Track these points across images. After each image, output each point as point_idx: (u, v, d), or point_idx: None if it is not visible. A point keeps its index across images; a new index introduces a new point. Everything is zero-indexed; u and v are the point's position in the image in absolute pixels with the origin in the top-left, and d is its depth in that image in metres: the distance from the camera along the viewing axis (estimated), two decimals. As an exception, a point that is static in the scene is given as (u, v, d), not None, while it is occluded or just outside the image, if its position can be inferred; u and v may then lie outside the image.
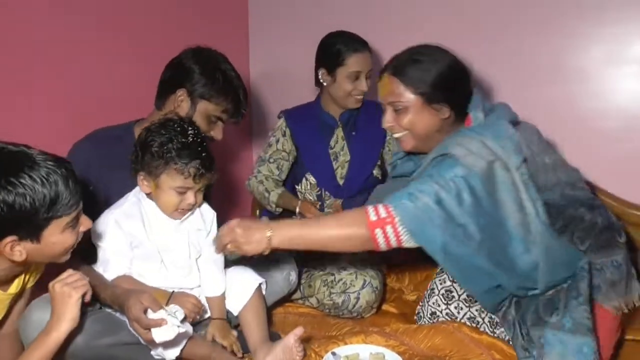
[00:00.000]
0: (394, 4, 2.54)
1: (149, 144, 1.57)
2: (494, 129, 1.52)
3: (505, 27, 2.33)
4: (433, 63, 1.59)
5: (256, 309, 1.68)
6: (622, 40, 2.16)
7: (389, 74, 1.62)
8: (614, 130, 2.21)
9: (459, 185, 1.44)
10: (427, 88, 1.57)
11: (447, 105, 1.59)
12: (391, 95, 1.61)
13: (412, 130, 1.61)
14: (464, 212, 1.44)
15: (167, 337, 1.44)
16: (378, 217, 1.45)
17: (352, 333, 1.75)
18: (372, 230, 1.45)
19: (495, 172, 1.46)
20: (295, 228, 1.53)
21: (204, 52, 1.86)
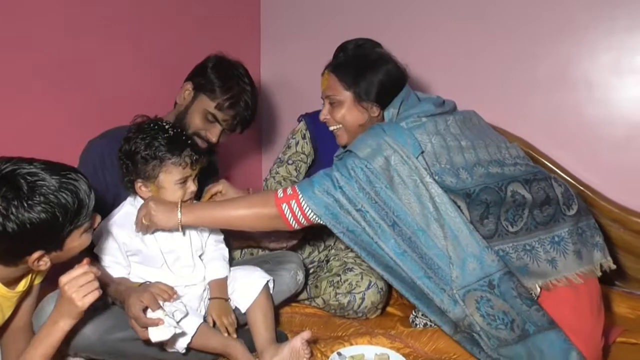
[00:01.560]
0: (405, 10, 2.56)
1: (135, 152, 1.60)
2: (395, 126, 1.61)
3: (513, 33, 2.35)
4: (369, 65, 1.74)
5: (264, 307, 1.70)
6: (630, 49, 2.18)
7: (329, 70, 1.80)
8: (619, 137, 2.23)
9: (358, 175, 1.55)
10: (358, 87, 1.72)
11: (377, 105, 1.73)
12: (328, 89, 1.78)
13: (344, 124, 1.77)
14: (362, 199, 1.54)
15: (163, 337, 1.46)
16: (285, 194, 1.58)
17: (358, 334, 1.77)
18: (279, 205, 1.58)
19: (393, 165, 1.55)
20: (206, 207, 1.66)
21: (228, 58, 1.91)
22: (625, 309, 2.04)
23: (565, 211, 1.63)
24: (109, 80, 2.20)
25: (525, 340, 1.49)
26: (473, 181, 1.59)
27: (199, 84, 1.85)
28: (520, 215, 1.59)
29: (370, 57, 1.78)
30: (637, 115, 2.20)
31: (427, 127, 1.61)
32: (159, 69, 2.37)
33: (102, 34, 2.15)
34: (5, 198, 1.20)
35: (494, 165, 1.63)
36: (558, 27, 2.27)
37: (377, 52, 1.81)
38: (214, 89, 1.82)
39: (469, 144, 1.63)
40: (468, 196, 1.57)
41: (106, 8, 2.16)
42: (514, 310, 1.49)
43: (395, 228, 1.55)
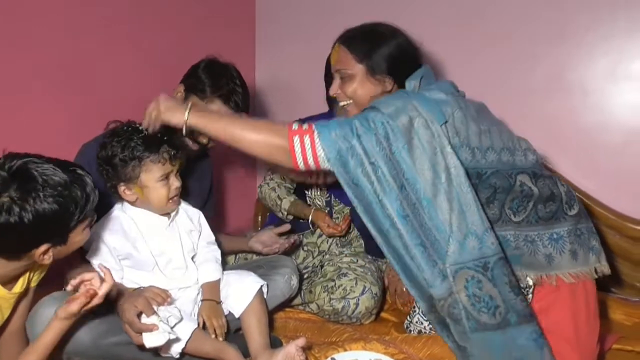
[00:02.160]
0: (403, 13, 2.55)
1: (113, 156, 1.60)
2: (421, 94, 1.58)
3: (509, 38, 2.36)
4: (381, 37, 1.69)
5: (257, 312, 1.69)
6: (627, 55, 2.19)
7: (339, 43, 1.73)
8: (615, 143, 2.23)
9: (378, 128, 1.49)
10: (371, 59, 1.66)
11: (390, 78, 1.68)
12: (339, 63, 1.71)
13: (355, 99, 1.70)
14: (378, 154, 1.48)
15: (157, 342, 1.45)
16: (299, 128, 1.51)
17: (352, 339, 1.76)
18: (291, 137, 1.49)
19: (415, 128, 1.49)
20: (215, 119, 1.58)
21: (220, 61, 1.91)
22: (621, 316, 2.03)
23: (566, 210, 1.62)
24: (107, 81, 2.19)
25: (504, 329, 1.47)
26: (485, 163, 1.57)
27: (190, 85, 1.86)
28: (524, 207, 1.57)
29: (382, 30, 1.73)
30: (634, 121, 2.21)
31: (450, 101, 1.57)
32: (157, 70, 2.37)
33: (100, 35, 2.15)
34: (21, 189, 1.24)
35: (506, 152, 1.62)
36: (554, 33, 2.28)
37: (388, 25, 1.75)
38: (204, 89, 1.82)
39: (485, 128, 1.60)
40: (479, 176, 1.56)
41: (105, 9, 2.16)
42: (501, 297, 1.47)
43: (403, 191, 1.49)
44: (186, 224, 1.74)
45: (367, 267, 2.05)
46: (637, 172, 2.21)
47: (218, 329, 1.62)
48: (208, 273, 1.73)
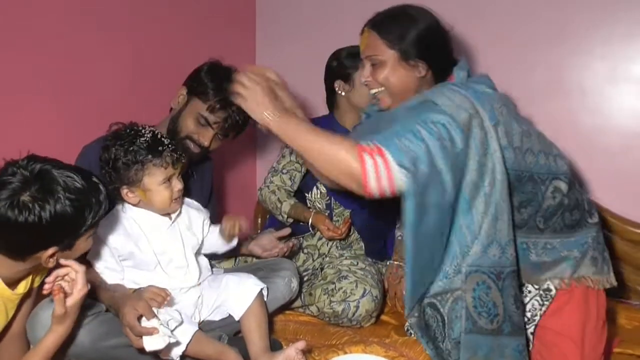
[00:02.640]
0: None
1: (116, 159, 1.60)
2: (475, 89, 1.53)
3: (508, 40, 2.36)
4: (412, 20, 1.60)
5: (257, 315, 1.69)
6: (625, 58, 2.19)
7: (369, 28, 1.64)
8: (613, 147, 2.23)
9: (441, 131, 1.42)
10: (403, 43, 1.57)
11: (423, 63, 1.58)
12: (369, 49, 1.62)
13: (387, 86, 1.61)
14: (442, 158, 1.41)
15: (158, 346, 1.45)
16: (368, 146, 1.40)
17: (352, 342, 1.76)
18: (360, 153, 1.38)
19: (472, 127, 1.45)
20: (298, 125, 1.49)
21: (223, 65, 1.91)
22: (622, 319, 2.04)
23: (587, 218, 1.64)
24: (105, 82, 2.19)
25: (497, 337, 1.48)
26: (525, 165, 1.56)
27: (192, 88, 1.86)
28: (553, 214, 1.58)
29: (412, 12, 1.62)
30: (632, 125, 2.21)
31: (498, 99, 1.53)
32: (156, 70, 2.37)
33: (99, 36, 2.15)
34: (43, 190, 1.27)
35: (542, 156, 1.60)
36: (553, 35, 2.28)
37: (418, 7, 1.65)
38: (206, 91, 1.82)
39: (525, 129, 1.58)
40: (518, 179, 1.54)
41: (104, 10, 2.16)
42: (503, 307, 1.48)
43: (455, 189, 1.45)
44: (188, 224, 1.74)
45: (367, 270, 2.05)
46: (636, 175, 2.21)
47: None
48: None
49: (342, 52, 2.22)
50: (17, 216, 1.24)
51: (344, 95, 2.21)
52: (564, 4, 2.25)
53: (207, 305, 1.73)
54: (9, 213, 1.24)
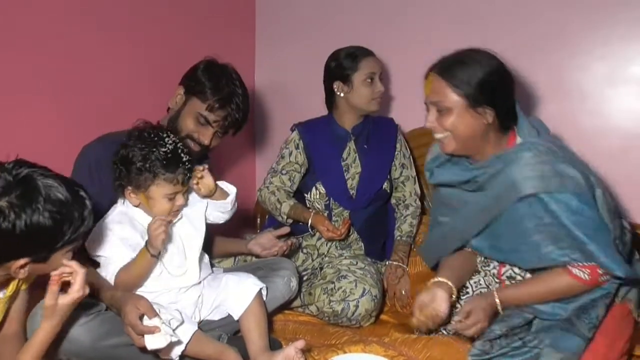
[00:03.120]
0: (400, 16, 2.58)
1: (131, 160, 1.59)
2: (565, 151, 1.62)
3: (506, 42, 2.35)
4: (479, 65, 1.56)
5: (257, 314, 1.69)
6: (624, 60, 2.19)
7: (435, 73, 1.60)
8: (613, 148, 2.23)
9: (584, 209, 1.52)
10: (471, 90, 1.54)
11: (491, 110, 1.56)
12: (435, 95, 1.59)
13: (454, 132, 1.58)
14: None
15: (159, 344, 1.46)
16: (578, 265, 1.55)
17: (352, 342, 1.76)
18: (572, 275, 1.55)
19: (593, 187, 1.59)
20: (519, 291, 1.64)
21: (219, 62, 1.90)
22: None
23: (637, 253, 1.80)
24: (104, 82, 2.20)
25: None
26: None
27: (189, 87, 1.85)
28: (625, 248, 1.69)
29: (479, 57, 1.59)
30: (632, 126, 2.21)
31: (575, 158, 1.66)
32: (156, 71, 2.38)
33: (97, 38, 2.16)
34: (22, 198, 1.22)
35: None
36: (552, 38, 2.28)
37: (484, 51, 1.63)
38: (204, 90, 1.82)
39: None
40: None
41: (103, 11, 2.17)
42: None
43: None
44: (188, 224, 1.73)
45: (366, 270, 2.06)
46: (635, 176, 2.21)
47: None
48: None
49: (341, 53, 2.22)
50: None
51: (342, 97, 2.21)
52: (563, 6, 2.25)
53: (206, 304, 1.74)
54: None
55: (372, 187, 2.25)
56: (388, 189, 2.29)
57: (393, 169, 2.30)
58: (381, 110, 2.28)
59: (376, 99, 2.20)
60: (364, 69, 2.17)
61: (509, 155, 1.58)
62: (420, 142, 2.48)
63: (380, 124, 2.31)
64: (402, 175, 2.31)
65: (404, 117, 2.48)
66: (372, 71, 2.18)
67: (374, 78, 2.19)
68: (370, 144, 2.28)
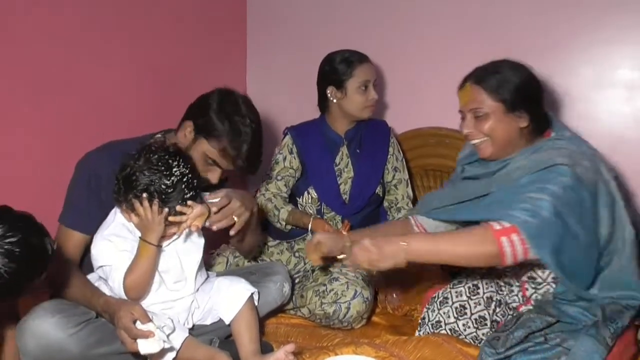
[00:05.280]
0: (393, 24, 2.59)
1: (132, 184, 1.53)
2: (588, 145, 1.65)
3: (494, 47, 2.36)
4: (513, 73, 1.68)
5: (248, 319, 1.70)
6: (611, 64, 2.21)
7: (472, 82, 1.70)
8: (601, 150, 2.23)
9: (571, 196, 1.52)
10: (508, 95, 1.65)
11: (526, 114, 1.66)
12: (473, 102, 1.68)
13: (492, 136, 1.68)
14: (577, 222, 1.53)
15: (152, 349, 1.46)
16: (502, 227, 1.52)
17: (343, 344, 1.77)
18: (498, 238, 1.50)
19: (599, 187, 1.57)
20: (429, 242, 1.60)
21: (233, 95, 1.77)
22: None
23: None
24: (100, 88, 2.22)
25: None
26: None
27: (200, 127, 1.72)
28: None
29: (511, 65, 1.71)
30: (619, 129, 2.23)
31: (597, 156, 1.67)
32: (148, 79, 2.41)
33: (94, 45, 2.19)
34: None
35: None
36: (539, 42, 2.30)
37: (514, 61, 1.74)
38: (216, 135, 1.70)
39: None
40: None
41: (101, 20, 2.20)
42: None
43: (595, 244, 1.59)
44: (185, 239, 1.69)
45: (358, 272, 2.06)
46: (622, 179, 2.23)
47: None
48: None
49: (336, 57, 2.21)
50: None
51: (335, 102, 2.21)
52: (548, 11, 2.27)
53: (198, 309, 1.74)
54: None
55: (365, 192, 2.26)
56: (381, 193, 2.30)
57: (386, 173, 2.31)
58: (374, 113, 2.28)
59: (369, 107, 2.20)
60: (359, 76, 2.16)
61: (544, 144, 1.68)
62: (413, 145, 2.50)
63: (373, 127, 2.31)
64: (394, 178, 2.32)
65: (396, 119, 2.50)
66: (367, 79, 2.17)
67: (368, 85, 2.18)
68: (362, 149, 2.28)
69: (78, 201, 1.72)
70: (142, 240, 1.55)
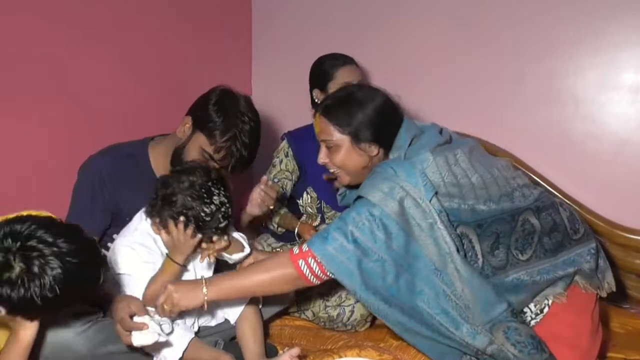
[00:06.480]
0: (394, 28, 2.60)
1: (171, 203, 1.54)
2: (407, 166, 1.55)
3: (499, 49, 2.39)
4: (359, 105, 1.64)
5: (252, 321, 1.71)
6: (616, 66, 2.21)
7: (320, 114, 1.69)
8: (605, 153, 2.26)
9: (372, 223, 1.50)
10: (353, 129, 1.63)
11: (375, 144, 1.65)
12: (323, 134, 1.69)
13: (344, 168, 1.69)
14: (378, 248, 1.50)
15: (146, 341, 1.46)
16: (300, 251, 1.53)
17: (347, 347, 1.77)
18: (296, 262, 1.51)
19: (406, 209, 1.50)
20: (227, 279, 1.56)
21: (234, 93, 1.81)
22: (615, 324, 2.05)
23: (572, 236, 1.66)
24: (103, 91, 2.23)
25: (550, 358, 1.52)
26: (486, 214, 1.59)
27: (198, 121, 1.77)
28: (529, 244, 1.60)
29: (359, 96, 1.66)
30: (623, 131, 2.23)
31: (439, 163, 1.57)
32: (153, 80, 2.41)
33: (97, 46, 2.19)
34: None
35: (505, 198, 1.63)
36: (545, 44, 2.31)
37: (364, 88, 1.72)
38: (212, 128, 1.74)
39: (479, 181, 1.61)
40: (479, 227, 1.58)
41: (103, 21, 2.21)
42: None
43: (412, 269, 1.51)
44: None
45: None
46: (627, 181, 2.23)
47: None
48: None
49: (324, 60, 2.24)
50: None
51: None
52: (554, 15, 2.28)
53: (204, 311, 1.73)
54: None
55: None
56: None
57: None
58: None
59: None
60: (339, 78, 2.17)
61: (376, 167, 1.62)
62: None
63: None
64: None
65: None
66: (347, 81, 2.15)
67: None
68: None
69: (83, 203, 1.74)
70: (169, 257, 1.57)
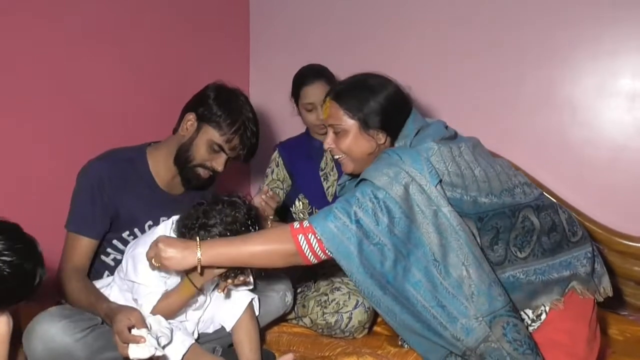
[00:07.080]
0: (393, 31, 2.61)
1: (207, 229, 1.56)
2: (412, 153, 1.55)
3: (497, 55, 2.40)
4: (371, 91, 1.65)
5: (248, 328, 1.71)
6: (613, 73, 2.22)
7: (331, 97, 1.70)
8: (602, 159, 2.26)
9: (376, 206, 1.49)
10: (363, 115, 1.64)
11: (383, 132, 1.65)
12: (331, 118, 1.69)
13: (350, 153, 1.69)
14: (380, 231, 1.48)
15: (142, 355, 1.45)
16: (301, 226, 1.51)
17: (345, 353, 1.77)
18: (295, 236, 1.50)
19: (411, 195, 1.50)
20: (224, 245, 1.53)
21: (228, 87, 1.86)
22: (613, 331, 2.05)
23: (570, 237, 1.66)
24: (101, 92, 2.24)
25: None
26: (487, 207, 1.58)
27: (202, 115, 1.79)
28: (528, 242, 1.60)
29: (372, 83, 1.68)
30: (621, 137, 2.24)
31: (443, 153, 1.56)
32: (152, 81, 2.42)
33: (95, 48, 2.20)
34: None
35: (506, 194, 1.63)
36: (542, 50, 2.32)
37: (377, 76, 1.71)
38: (219, 120, 1.76)
39: (482, 174, 1.60)
40: (480, 220, 1.57)
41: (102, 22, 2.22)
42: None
43: (411, 257, 1.50)
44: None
45: None
46: (624, 187, 2.23)
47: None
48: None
49: (298, 74, 2.28)
50: None
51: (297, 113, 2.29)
52: (552, 22, 2.29)
53: (203, 318, 1.74)
54: None
55: None
56: None
57: None
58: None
59: (320, 127, 2.22)
60: (304, 97, 2.22)
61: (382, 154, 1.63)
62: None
63: None
64: None
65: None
66: (311, 101, 2.20)
67: (314, 109, 2.21)
68: None
69: (82, 207, 1.75)
70: (188, 279, 1.57)
